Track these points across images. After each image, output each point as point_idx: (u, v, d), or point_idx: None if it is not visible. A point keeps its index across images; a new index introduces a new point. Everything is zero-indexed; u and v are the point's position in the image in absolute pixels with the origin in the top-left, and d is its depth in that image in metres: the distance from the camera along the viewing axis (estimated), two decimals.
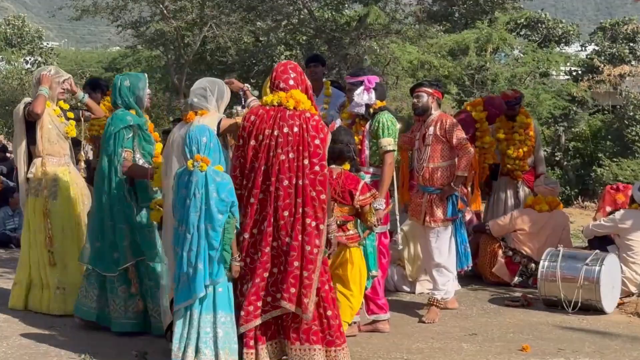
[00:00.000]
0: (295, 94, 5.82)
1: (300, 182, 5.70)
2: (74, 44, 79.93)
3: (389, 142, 7.10)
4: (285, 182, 5.69)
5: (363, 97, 7.35)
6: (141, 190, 6.92)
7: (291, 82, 5.90)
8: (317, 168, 5.73)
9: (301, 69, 6.11)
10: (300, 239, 5.67)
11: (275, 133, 5.72)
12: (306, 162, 5.70)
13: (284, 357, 5.81)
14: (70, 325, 7.09)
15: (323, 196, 5.75)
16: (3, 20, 40.70)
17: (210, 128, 5.93)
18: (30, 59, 34.50)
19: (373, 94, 7.38)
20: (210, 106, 6.25)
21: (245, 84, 6.78)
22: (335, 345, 5.80)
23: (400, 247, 8.69)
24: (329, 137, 5.95)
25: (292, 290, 5.65)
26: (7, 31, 37.50)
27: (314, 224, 5.69)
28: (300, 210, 5.68)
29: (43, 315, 7.37)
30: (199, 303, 5.64)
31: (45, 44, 38.48)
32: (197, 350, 5.62)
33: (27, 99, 7.74)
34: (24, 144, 7.67)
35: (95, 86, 11.26)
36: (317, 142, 5.74)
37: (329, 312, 5.81)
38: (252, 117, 5.84)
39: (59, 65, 35.07)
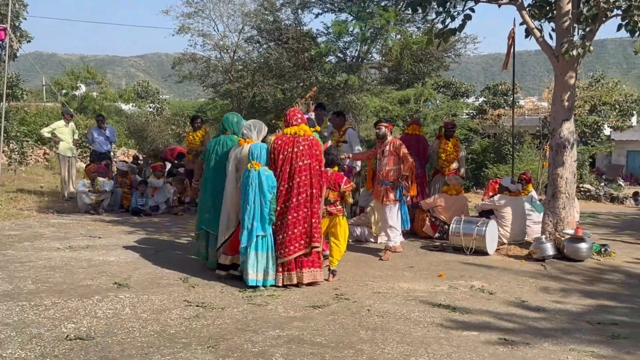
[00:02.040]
0: (303, 127, 6.09)
1: (312, 177, 5.95)
2: (178, 97, 79.60)
3: None
4: (302, 178, 5.91)
5: None
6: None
7: (298, 120, 6.13)
8: (318, 167, 6.04)
9: (302, 112, 6.35)
10: (316, 207, 5.96)
11: (295, 150, 5.94)
12: (314, 164, 5.99)
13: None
14: (178, 260, 7.14)
15: (321, 183, 6.09)
16: (136, 83, 40.67)
17: (261, 145, 6.10)
18: (152, 106, 34.49)
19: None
20: (253, 136, 6.31)
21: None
22: (318, 267, 6.07)
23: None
24: (323, 149, 6.31)
25: (317, 236, 5.98)
26: (138, 89, 37.48)
27: (320, 199, 6.04)
28: (313, 192, 5.95)
29: (163, 255, 7.42)
30: (259, 246, 5.84)
31: (160, 96, 38.46)
32: (257, 272, 5.86)
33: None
34: None
35: (194, 119, 11.55)
36: (317, 152, 6.04)
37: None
38: (280, 141, 6.01)
39: (170, 109, 35.20)
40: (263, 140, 6.40)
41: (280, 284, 5.88)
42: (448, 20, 8.56)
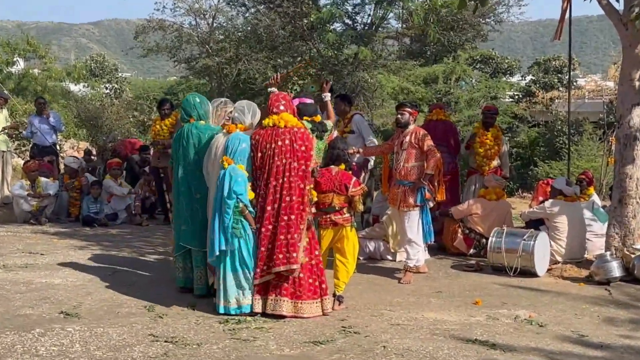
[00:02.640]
0: (285, 116, 6.12)
1: (291, 179, 5.98)
2: (141, 75, 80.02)
3: None
4: (280, 180, 5.96)
5: None
6: None
7: (281, 107, 6.17)
8: (303, 167, 6.05)
9: (289, 98, 6.40)
10: (286, 218, 5.96)
11: (273, 146, 6.00)
12: (295, 164, 6.02)
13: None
14: (142, 283, 7.16)
15: (307, 187, 6.09)
16: (89, 57, 40.78)
17: (242, 136, 6.12)
18: (108, 86, 34.58)
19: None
20: (246, 120, 6.33)
21: None
22: (302, 299, 6.00)
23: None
24: (314, 142, 6.28)
25: (280, 256, 5.92)
26: (92, 65, 37.56)
27: (300, 207, 6.00)
28: (288, 199, 5.96)
29: (123, 276, 7.43)
30: (229, 265, 5.92)
31: (120, 74, 38.55)
32: (226, 297, 5.94)
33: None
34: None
35: (162, 103, 11.55)
36: (302, 148, 6.06)
37: (301, 274, 6.03)
38: (257, 137, 6.09)
39: (131, 91, 35.24)
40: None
41: (257, 310, 5.95)
42: None
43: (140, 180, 12.38)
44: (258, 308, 5.98)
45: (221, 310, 5.93)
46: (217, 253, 5.89)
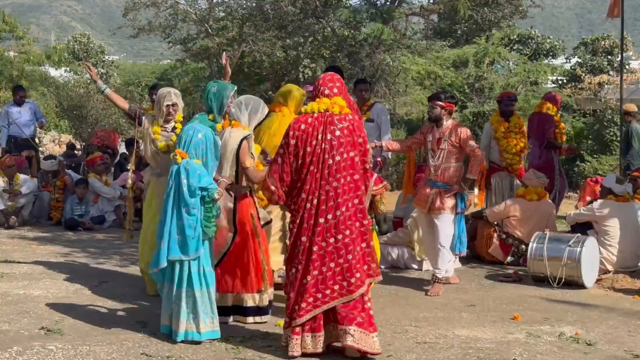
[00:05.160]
0: (339, 100, 5.57)
1: (355, 176, 5.49)
2: (131, 58, 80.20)
3: None
4: (343, 181, 5.43)
5: None
6: None
7: (335, 90, 5.64)
8: (365, 164, 5.61)
9: (343, 81, 5.90)
10: (366, 223, 5.56)
11: (329, 137, 5.44)
12: (357, 159, 5.52)
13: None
14: (133, 295, 7.17)
15: (370, 188, 5.78)
16: (71, 38, 40.89)
17: (197, 127, 5.87)
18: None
19: None
20: (242, 118, 6.28)
21: None
22: (369, 331, 5.51)
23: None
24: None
25: (359, 267, 5.46)
26: (75, 47, 37.64)
27: (365, 212, 5.60)
28: (357, 201, 5.50)
29: (111, 287, 7.45)
30: (195, 282, 5.67)
31: (107, 57, 38.63)
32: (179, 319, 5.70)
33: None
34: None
35: (154, 89, 11.60)
36: (360, 141, 5.54)
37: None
38: (301, 126, 5.51)
39: (119, 75, 35.30)
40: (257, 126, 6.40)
41: (295, 354, 5.39)
42: None
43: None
44: (297, 350, 5.37)
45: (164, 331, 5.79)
46: (163, 263, 5.64)
